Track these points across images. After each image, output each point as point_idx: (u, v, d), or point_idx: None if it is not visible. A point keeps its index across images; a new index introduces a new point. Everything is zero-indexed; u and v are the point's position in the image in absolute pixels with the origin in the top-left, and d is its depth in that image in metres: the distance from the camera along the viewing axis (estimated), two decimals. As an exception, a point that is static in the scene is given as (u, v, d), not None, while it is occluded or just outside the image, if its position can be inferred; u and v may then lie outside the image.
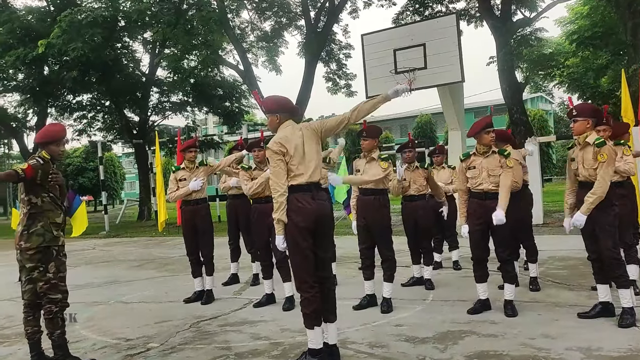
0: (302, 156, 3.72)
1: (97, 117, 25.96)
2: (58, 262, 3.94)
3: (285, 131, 3.77)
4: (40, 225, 3.85)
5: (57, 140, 4.03)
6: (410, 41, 10.26)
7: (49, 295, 3.86)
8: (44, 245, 3.85)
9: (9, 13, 19.99)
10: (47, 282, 3.86)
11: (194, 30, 18.22)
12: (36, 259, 3.83)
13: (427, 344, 4.05)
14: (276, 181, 3.65)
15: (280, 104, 3.87)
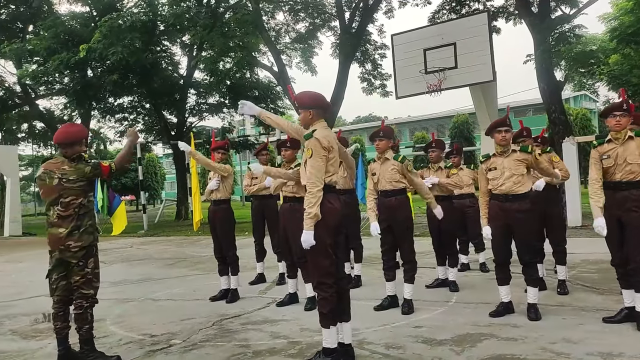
0: (338, 160, 3.77)
1: (137, 119, 26.64)
2: (96, 259, 4.09)
3: (327, 130, 3.81)
4: (89, 225, 4.03)
5: (80, 140, 4.15)
6: (440, 40, 10.17)
7: (82, 290, 3.98)
8: (92, 242, 4.03)
9: (54, 19, 20.73)
10: (84, 277, 3.99)
11: (230, 32, 18.47)
12: (80, 256, 3.97)
13: (444, 346, 4.02)
14: (317, 175, 3.62)
15: (314, 99, 3.87)
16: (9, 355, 4.41)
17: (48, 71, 19.88)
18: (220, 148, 6.24)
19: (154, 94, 22.16)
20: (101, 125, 29.86)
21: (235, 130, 31.21)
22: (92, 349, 4.04)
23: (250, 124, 52.12)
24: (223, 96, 23.98)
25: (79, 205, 4.00)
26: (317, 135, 3.69)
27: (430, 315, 4.97)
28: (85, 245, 3.99)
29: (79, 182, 4.02)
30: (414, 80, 10.24)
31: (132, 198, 47.60)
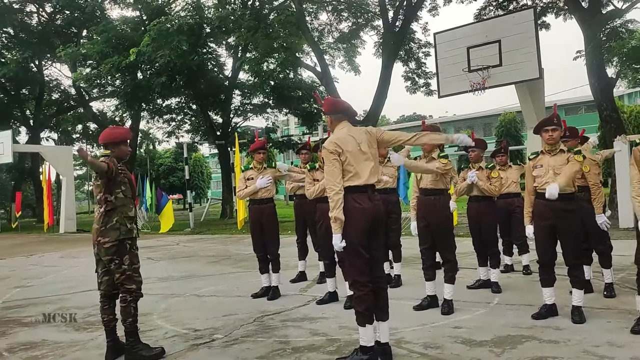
0: (359, 158, 3.79)
1: (184, 120, 27.31)
2: (132, 255, 4.20)
3: (341, 132, 3.86)
4: (115, 220, 4.11)
5: (126, 140, 4.36)
6: (484, 38, 10.00)
7: (125, 286, 4.12)
8: (120, 238, 4.11)
9: (106, 23, 21.52)
10: (123, 274, 4.12)
11: (274, 33, 18.69)
12: (112, 252, 4.09)
13: (484, 347, 3.99)
14: (331, 180, 3.74)
15: (330, 105, 4.00)
16: (62, 345, 4.64)
17: (100, 74, 20.63)
18: (260, 149, 6.34)
19: (200, 95, 22.66)
20: (150, 126, 30.81)
21: (279, 130, 31.57)
22: (136, 340, 4.16)
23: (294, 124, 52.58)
24: (267, 96, 24.28)
25: (105, 202, 4.12)
26: (325, 143, 3.84)
27: (470, 316, 4.92)
28: (112, 241, 4.08)
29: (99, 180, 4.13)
30: (457, 79, 10.11)
31: (179, 197, 48.81)
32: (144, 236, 16.80)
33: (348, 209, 3.71)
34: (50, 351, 4.48)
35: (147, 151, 45.16)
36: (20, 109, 30.51)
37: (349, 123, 3.96)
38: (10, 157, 22.14)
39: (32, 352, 4.49)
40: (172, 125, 27.28)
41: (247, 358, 4.04)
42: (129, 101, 22.16)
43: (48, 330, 5.21)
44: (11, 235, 20.97)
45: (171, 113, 26.03)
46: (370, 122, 17.82)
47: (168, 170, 48.62)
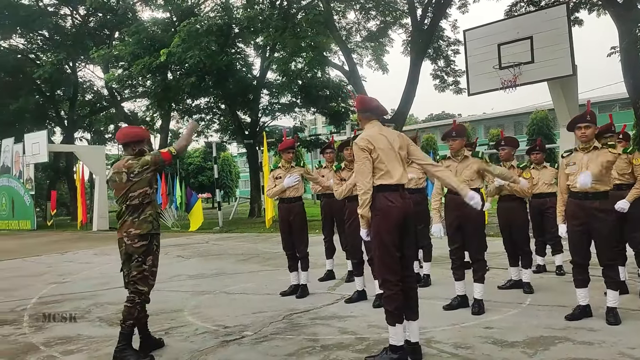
0: (390, 157, 3.78)
1: (213, 119, 27.59)
2: (154, 257, 4.18)
3: (372, 130, 3.86)
4: (149, 213, 4.15)
5: (145, 139, 4.39)
6: (515, 35, 9.84)
7: (137, 286, 4.08)
8: (152, 232, 4.12)
9: (137, 25, 21.86)
10: (140, 273, 4.08)
11: (302, 33, 18.75)
12: (141, 252, 4.06)
13: (515, 348, 3.93)
14: (361, 178, 3.75)
15: (359, 103, 4.01)
16: (97, 340, 4.74)
17: (132, 75, 20.98)
18: (289, 148, 6.38)
19: (229, 95, 22.85)
20: (180, 125, 31.22)
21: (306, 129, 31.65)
22: (129, 344, 4.06)
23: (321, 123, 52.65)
24: (295, 96, 24.37)
25: (144, 195, 4.15)
26: (356, 140, 3.84)
27: (501, 316, 4.86)
28: (144, 234, 4.08)
29: (145, 173, 4.15)
30: (488, 76, 9.98)
31: (208, 196, 49.36)
32: (174, 234, 17.07)
33: (380, 207, 3.70)
34: (84, 345, 4.59)
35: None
36: (55, 110, 31.28)
37: (379, 122, 3.96)
38: (46, 157, 22.73)
39: (68, 346, 4.60)
40: (201, 124, 27.58)
41: (276, 355, 4.06)
42: (159, 101, 22.49)
43: (83, 325, 5.33)
44: (47, 233, 21.52)
45: (200, 113, 26.32)
46: (399, 121, 17.73)
47: (197, 169, 49.18)
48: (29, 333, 5.12)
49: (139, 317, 4.18)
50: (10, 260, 11.84)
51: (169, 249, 12.53)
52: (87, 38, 26.51)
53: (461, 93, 21.06)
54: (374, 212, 3.74)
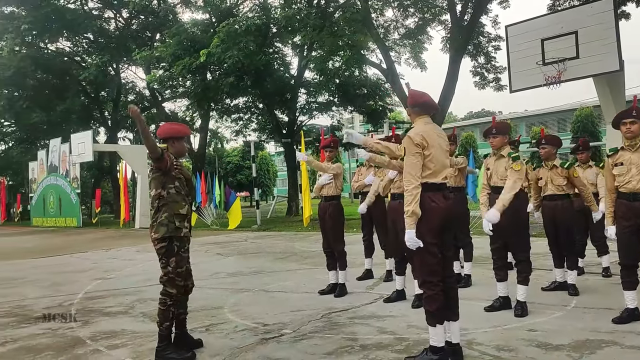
0: (441, 155, 3.75)
1: (252, 119, 27.87)
2: (179, 258, 4.11)
3: (426, 127, 3.80)
4: (164, 216, 4.08)
5: (184, 136, 4.35)
6: (559, 29, 9.56)
7: (166, 289, 4.07)
8: (168, 235, 4.06)
9: (178, 27, 22.29)
10: (166, 275, 4.07)
11: (339, 31, 18.72)
12: (162, 252, 4.08)
13: (561, 352, 3.83)
14: (411, 173, 3.65)
15: (411, 97, 3.93)
16: (140, 335, 4.86)
17: (172, 76, 21.40)
18: (329, 146, 6.38)
19: (267, 94, 23.03)
20: (219, 125, 31.69)
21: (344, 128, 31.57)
22: (168, 344, 4.08)
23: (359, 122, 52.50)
24: (332, 94, 24.37)
25: (159, 197, 4.11)
26: (410, 133, 3.74)
27: (545, 318, 4.74)
28: (160, 238, 4.05)
29: (155, 173, 4.13)
30: (530, 73, 9.74)
31: (246, 194, 49.93)
32: (214, 232, 17.33)
33: (423, 207, 3.64)
34: (129, 340, 4.71)
35: (216, 150, 46.47)
36: (100, 111, 32.22)
37: (429, 118, 3.90)
38: (91, 156, 23.43)
39: (113, 340, 4.73)
40: (239, 124, 27.91)
41: (315, 353, 4.07)
42: (199, 101, 22.85)
43: (127, 321, 5.47)
44: (92, 230, 22.18)
45: (239, 112, 26.63)
46: (437, 119, 17.43)
47: (236, 168, 49.78)
48: (76, 327, 5.29)
49: (177, 316, 4.18)
50: (59, 256, 12.26)
51: (208, 246, 12.74)
52: (130, 40, 27.20)
53: (502, 90, 20.61)
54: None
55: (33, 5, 24.92)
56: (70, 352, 4.42)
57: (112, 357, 4.23)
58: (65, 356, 4.32)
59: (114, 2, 27.58)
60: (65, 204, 26.00)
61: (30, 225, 28.87)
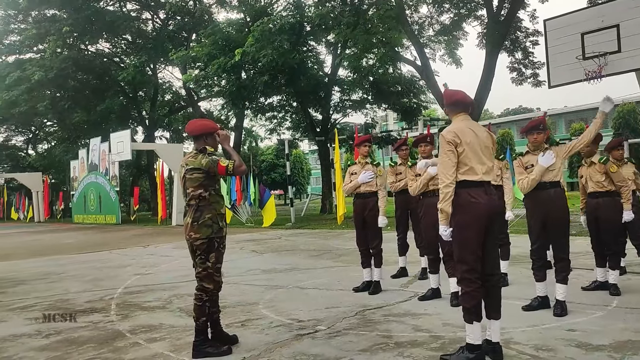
0: (477, 153, 3.71)
1: (285, 117, 28.05)
2: (218, 254, 4.14)
3: (460, 124, 3.80)
4: (207, 217, 4.09)
5: (215, 130, 4.32)
6: (600, 23, 9.28)
7: (203, 284, 4.09)
8: (211, 236, 4.10)
9: (213, 26, 22.60)
10: (205, 270, 4.09)
11: (373, 29, 18.65)
12: (203, 248, 4.11)
13: (601, 352, 3.73)
14: (444, 172, 3.68)
15: (446, 97, 3.95)
16: (178, 329, 4.95)
17: (208, 75, 21.72)
18: (365, 142, 6.37)
19: (301, 93, 23.13)
20: (253, 123, 32.00)
21: (378, 126, 31.49)
22: (205, 338, 4.13)
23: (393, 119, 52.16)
24: (366, 92, 24.32)
25: (199, 197, 4.10)
26: (443, 131, 3.75)
27: (585, 318, 4.62)
28: (204, 238, 4.07)
29: (195, 173, 4.10)
30: (570, 68, 9.49)
31: (280, 192, 50.25)
32: (249, 229, 17.50)
33: (462, 204, 3.63)
34: (167, 334, 4.81)
35: (250, 148, 46.93)
36: (138, 110, 32.96)
37: (468, 116, 3.89)
38: (130, 155, 23.97)
39: (152, 334, 4.83)
40: (273, 122, 28.13)
41: (350, 350, 4.07)
42: (233, 100, 23.11)
43: (165, 315, 5.58)
44: (130, 227, 22.71)
45: (273, 111, 26.83)
46: (473, 116, 17.16)
47: (270, 166, 50.20)
48: (116, 321, 5.43)
49: (210, 315, 4.20)
50: (99, 252, 12.60)
51: (243, 244, 12.88)
52: (167, 41, 27.73)
53: (540, 86, 20.20)
54: (456, 208, 3.66)
55: (74, 7, 25.68)
56: (110, 345, 4.54)
57: (151, 350, 4.32)
58: (106, 348, 4.44)
59: (151, 4, 28.18)
60: (105, 201, 26.71)
61: (71, 222, 29.77)
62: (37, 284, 8.05)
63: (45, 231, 23.26)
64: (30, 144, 43.67)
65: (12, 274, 9.27)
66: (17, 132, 42.46)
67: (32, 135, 42.19)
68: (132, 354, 4.24)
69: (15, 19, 29.84)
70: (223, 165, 4.09)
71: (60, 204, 34.91)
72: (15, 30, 30.24)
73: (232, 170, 4.09)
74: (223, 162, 4.10)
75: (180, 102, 33.97)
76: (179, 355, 4.16)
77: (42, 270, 9.61)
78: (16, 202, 39.30)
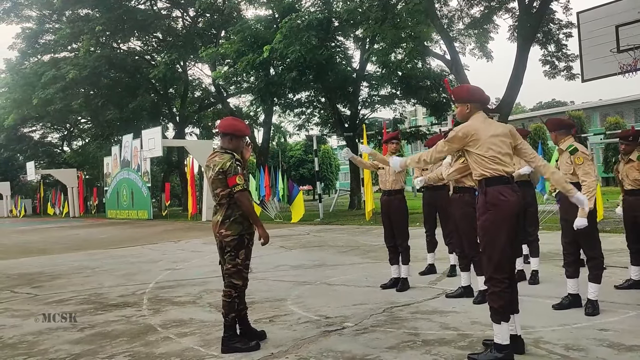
0: (497, 147, 3.67)
1: (314, 113, 28.09)
2: (247, 250, 4.19)
3: (477, 121, 3.76)
4: (239, 214, 4.13)
5: (244, 135, 4.36)
6: (636, 15, 9.02)
7: (233, 280, 4.13)
8: (242, 233, 4.16)
9: (242, 23, 22.75)
10: (234, 267, 4.13)
11: (402, 23, 18.50)
12: (233, 245, 4.15)
13: (634, 352, 3.66)
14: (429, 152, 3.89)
15: (472, 92, 3.89)
16: (207, 324, 5.04)
17: (237, 72, 21.88)
18: (393, 139, 6.35)
19: (329, 88, 23.12)
20: (282, 119, 32.13)
21: (407, 121, 31.27)
22: (234, 334, 4.18)
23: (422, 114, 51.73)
24: (394, 87, 24.16)
25: (229, 196, 4.12)
26: (457, 127, 3.78)
27: (618, 318, 4.53)
28: (235, 235, 4.12)
29: (219, 175, 4.12)
30: (604, 61, 9.27)
31: (309, 188, 50.41)
32: (277, 225, 17.62)
33: (493, 202, 3.60)
34: (197, 329, 4.90)
35: (279, 144, 47.19)
36: (168, 107, 33.46)
37: (484, 113, 3.85)
38: (161, 151, 24.35)
39: (182, 328, 4.93)
40: (302, 118, 28.21)
41: (377, 347, 4.08)
42: (262, 96, 23.24)
43: (195, 310, 5.69)
44: (161, 223, 23.12)
45: (301, 106, 26.90)
46: (504, 110, 16.99)
47: (298, 162, 50.40)
48: (147, 315, 5.55)
49: (238, 310, 4.26)
50: (131, 247, 12.87)
51: (272, 239, 12.84)
52: (196, 38, 28.04)
53: (574, 79, 19.73)
54: (485, 206, 3.64)
55: (106, 7, 26.17)
56: (142, 339, 4.65)
57: (182, 345, 4.41)
58: (138, 342, 4.55)
59: (182, 2, 28.50)
60: (137, 197, 27.24)
61: (105, 217, 30.47)
62: (72, 278, 8.29)
63: (80, 226, 23.86)
64: (65, 140, 44.82)
65: (49, 269, 9.56)
66: (53, 129, 43.66)
67: (67, 132, 43.28)
68: (163, 348, 4.34)
69: (50, 18, 30.59)
70: (235, 181, 4.08)
71: (95, 200, 35.76)
72: (50, 29, 30.99)
73: (238, 191, 4.09)
74: (239, 179, 4.10)
75: (210, 99, 34.35)
76: (209, 350, 4.24)
77: (77, 265, 9.88)
78: (52, 198, 40.38)
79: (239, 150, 4.34)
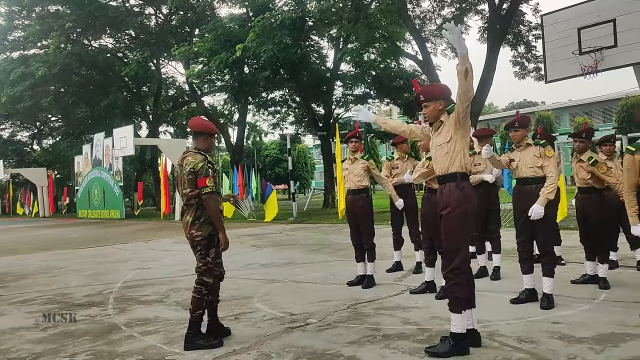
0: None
1: (288, 112, 28.11)
2: (217, 249, 4.25)
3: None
4: (208, 216, 4.17)
5: (214, 134, 4.41)
6: (597, 18, 9.30)
7: (203, 278, 4.20)
8: (212, 233, 4.20)
9: (215, 22, 22.65)
10: (205, 265, 4.19)
11: (375, 23, 18.65)
12: (203, 244, 4.20)
13: (583, 344, 3.81)
14: None
15: (443, 90, 4.05)
16: (172, 322, 5.06)
17: (211, 70, 21.80)
18: (351, 138, 6.44)
19: (303, 88, 23.18)
20: (256, 118, 32.07)
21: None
22: (198, 331, 4.21)
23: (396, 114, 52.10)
24: (368, 87, 24.35)
25: (197, 196, 4.14)
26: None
27: (571, 311, 4.70)
28: (206, 235, 4.17)
29: (190, 175, 4.14)
30: (567, 62, 9.52)
31: (284, 187, 50.40)
32: (250, 224, 17.61)
33: (468, 195, 3.78)
34: (162, 327, 4.91)
35: (254, 143, 47.05)
36: (141, 105, 33.08)
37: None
38: (133, 150, 24.09)
39: (147, 327, 4.94)
40: (276, 117, 28.22)
41: (338, 342, 4.16)
42: (236, 95, 23.17)
43: (161, 309, 5.69)
44: (134, 222, 22.88)
45: (275, 105, 26.90)
46: (474, 110, 17.26)
47: (274, 161, 50.35)
48: (112, 314, 5.54)
49: (210, 303, 4.31)
50: (101, 247, 12.75)
51: (244, 238, 12.99)
52: (170, 36, 27.80)
53: (543, 80, 20.15)
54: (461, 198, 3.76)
55: (77, 3, 25.77)
56: (106, 337, 4.65)
57: (145, 343, 4.43)
58: (101, 341, 4.55)
59: (154, -1, 28.22)
60: (109, 196, 26.88)
61: (76, 217, 29.99)
62: (39, 278, 8.19)
63: (50, 226, 23.47)
64: (35, 139, 43.94)
65: (15, 269, 9.43)
66: (22, 128, 42.74)
67: (37, 131, 42.44)
68: (125, 347, 4.35)
69: (19, 15, 29.98)
70: (205, 183, 4.11)
71: (65, 199, 35.16)
72: (19, 26, 30.38)
73: (206, 194, 4.11)
74: (209, 181, 4.13)
75: (184, 97, 34.07)
76: (172, 347, 4.27)
77: (45, 265, 9.76)
78: (21, 197, 39.60)
79: (211, 150, 4.41)
